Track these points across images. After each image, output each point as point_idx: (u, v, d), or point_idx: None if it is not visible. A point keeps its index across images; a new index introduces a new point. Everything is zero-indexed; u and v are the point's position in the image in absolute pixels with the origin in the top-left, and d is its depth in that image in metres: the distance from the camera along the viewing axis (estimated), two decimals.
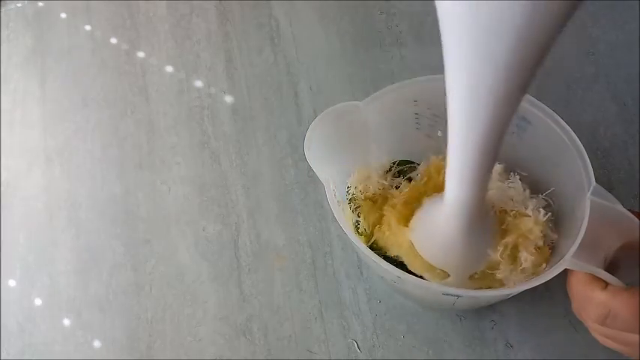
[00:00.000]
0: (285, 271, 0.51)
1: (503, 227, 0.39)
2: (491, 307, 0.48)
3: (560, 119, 0.38)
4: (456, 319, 0.48)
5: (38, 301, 0.53)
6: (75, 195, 0.58)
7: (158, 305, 0.52)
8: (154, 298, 0.52)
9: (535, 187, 0.44)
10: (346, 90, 0.58)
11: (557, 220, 0.40)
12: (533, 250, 0.38)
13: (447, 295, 0.35)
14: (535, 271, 0.38)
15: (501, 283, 0.39)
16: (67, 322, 0.52)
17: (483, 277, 0.39)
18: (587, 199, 0.34)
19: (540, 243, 0.39)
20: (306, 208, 0.54)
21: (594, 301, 0.30)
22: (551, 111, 0.38)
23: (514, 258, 0.38)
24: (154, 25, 0.65)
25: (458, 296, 0.35)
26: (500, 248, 0.38)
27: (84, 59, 0.64)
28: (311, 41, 0.61)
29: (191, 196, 0.56)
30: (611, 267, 0.32)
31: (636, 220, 0.32)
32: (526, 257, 0.38)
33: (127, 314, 0.52)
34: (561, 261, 0.32)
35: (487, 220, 0.38)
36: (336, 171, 0.40)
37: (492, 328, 0.47)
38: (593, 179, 0.35)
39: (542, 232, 0.39)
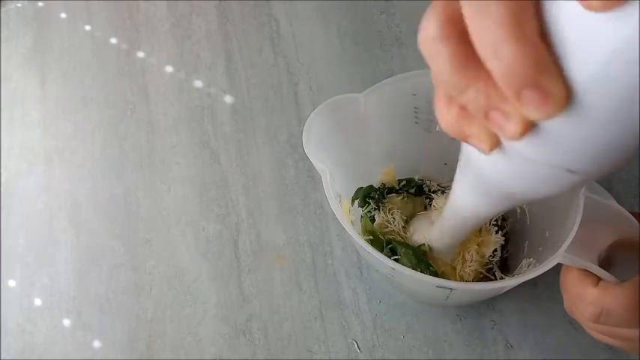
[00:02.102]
0: (285, 271, 0.51)
1: None
2: (491, 307, 0.48)
3: None
4: (456, 319, 0.48)
5: (38, 301, 0.53)
6: (75, 195, 0.58)
7: (158, 305, 0.52)
8: (154, 298, 0.52)
9: None
10: (346, 90, 0.58)
11: (552, 216, 0.40)
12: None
13: (440, 287, 0.35)
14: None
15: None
16: (67, 322, 0.52)
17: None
18: (581, 195, 0.34)
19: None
20: (306, 208, 0.53)
21: (587, 298, 0.30)
22: None
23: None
24: (153, 25, 0.65)
25: (451, 289, 0.35)
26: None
27: (84, 59, 0.64)
28: (311, 41, 0.61)
29: (191, 196, 0.56)
30: (605, 264, 0.31)
31: (630, 216, 0.32)
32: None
33: (127, 314, 0.52)
34: (554, 255, 0.32)
35: None
36: (334, 162, 0.40)
37: (492, 328, 0.47)
38: None
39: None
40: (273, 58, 0.61)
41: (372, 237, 0.45)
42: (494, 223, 0.47)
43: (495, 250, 0.45)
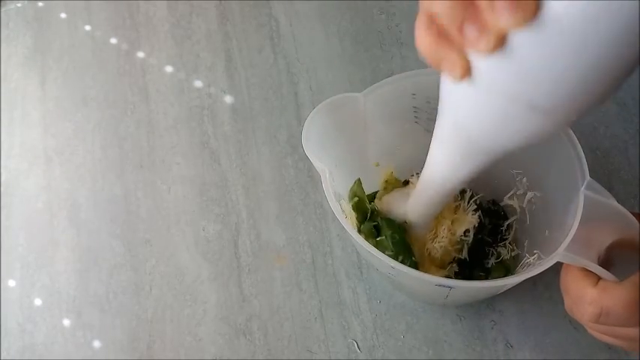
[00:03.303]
0: (285, 271, 0.51)
1: None
2: (491, 307, 0.48)
3: None
4: (456, 319, 0.48)
5: (38, 301, 0.53)
6: (75, 195, 0.58)
7: (158, 305, 0.52)
8: (154, 298, 0.52)
9: (530, 181, 0.44)
10: (346, 90, 0.57)
11: (552, 215, 0.40)
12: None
13: (440, 285, 0.35)
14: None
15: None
16: (67, 322, 0.52)
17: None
18: (580, 194, 0.34)
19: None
20: (306, 208, 0.54)
21: (586, 298, 0.30)
22: None
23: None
24: (153, 25, 0.65)
25: (450, 287, 0.35)
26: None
27: (84, 59, 0.64)
28: (311, 41, 0.61)
29: (191, 196, 0.56)
30: (605, 264, 0.31)
31: (630, 216, 0.32)
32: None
33: (127, 314, 0.52)
34: (553, 254, 0.32)
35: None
36: (334, 162, 0.40)
37: (492, 328, 0.47)
38: (587, 174, 0.35)
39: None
40: (273, 58, 0.61)
41: (357, 198, 0.44)
42: (474, 209, 0.46)
43: (467, 231, 0.44)
